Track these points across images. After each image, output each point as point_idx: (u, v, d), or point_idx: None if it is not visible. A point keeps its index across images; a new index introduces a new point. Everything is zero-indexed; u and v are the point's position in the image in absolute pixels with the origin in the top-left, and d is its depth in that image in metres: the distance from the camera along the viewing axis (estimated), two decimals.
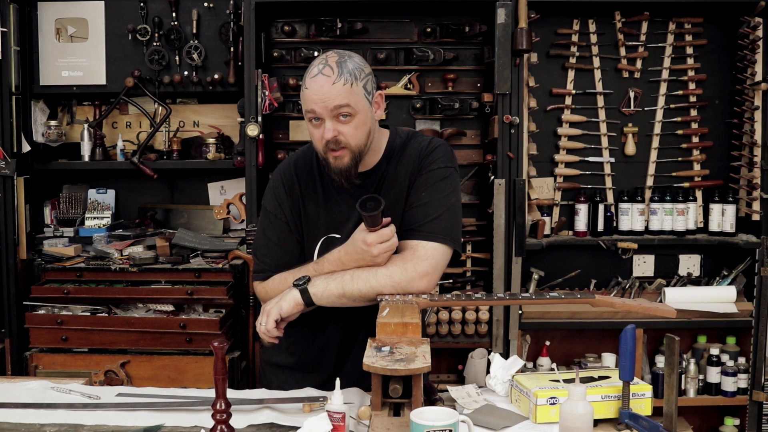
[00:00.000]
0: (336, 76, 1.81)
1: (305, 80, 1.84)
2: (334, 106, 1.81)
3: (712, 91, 3.48)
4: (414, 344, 1.61)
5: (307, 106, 1.84)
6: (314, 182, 1.98)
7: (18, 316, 3.15)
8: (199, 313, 3.11)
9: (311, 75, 1.83)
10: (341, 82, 1.81)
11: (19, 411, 1.77)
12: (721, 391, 3.32)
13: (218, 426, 1.53)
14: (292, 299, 1.83)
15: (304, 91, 1.84)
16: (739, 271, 3.37)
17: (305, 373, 2.03)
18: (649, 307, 1.86)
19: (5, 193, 3.18)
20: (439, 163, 1.93)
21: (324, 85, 1.80)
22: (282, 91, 3.32)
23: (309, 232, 1.97)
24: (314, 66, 1.84)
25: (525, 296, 2.00)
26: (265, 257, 1.99)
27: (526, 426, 1.67)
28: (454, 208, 1.91)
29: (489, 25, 3.32)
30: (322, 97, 1.81)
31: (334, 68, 1.81)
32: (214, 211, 3.49)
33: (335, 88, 1.80)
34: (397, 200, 1.92)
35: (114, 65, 3.38)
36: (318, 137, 1.85)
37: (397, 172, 1.94)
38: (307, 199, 1.98)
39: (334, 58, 1.84)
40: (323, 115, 1.82)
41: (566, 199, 3.48)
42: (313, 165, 2.00)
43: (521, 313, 3.23)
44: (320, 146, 1.86)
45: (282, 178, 2.01)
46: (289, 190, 1.99)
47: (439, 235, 1.86)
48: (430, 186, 1.90)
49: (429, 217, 1.87)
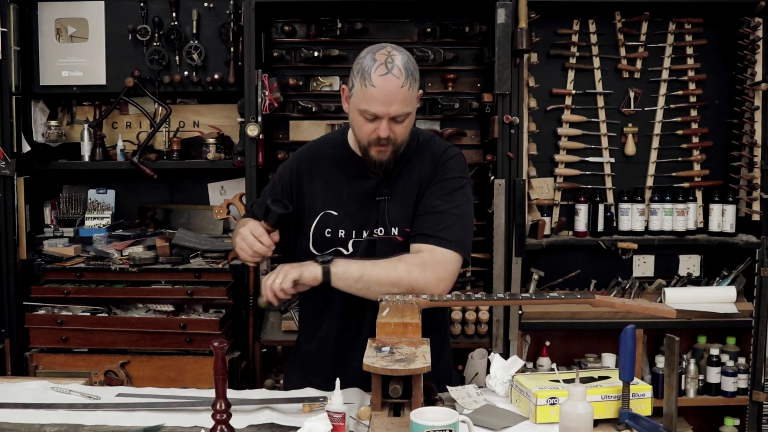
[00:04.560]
0: (404, 78, 1.81)
1: (370, 75, 1.80)
2: (399, 111, 1.83)
3: (712, 91, 3.48)
4: (414, 344, 1.61)
5: (369, 106, 1.83)
6: (326, 162, 2.04)
7: (18, 316, 3.15)
8: (199, 314, 3.11)
9: (379, 73, 1.80)
10: (407, 86, 1.82)
11: (19, 411, 1.77)
12: (721, 391, 3.32)
13: (218, 426, 1.53)
14: (312, 272, 1.85)
15: (366, 88, 1.81)
16: (739, 272, 3.37)
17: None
18: (649, 307, 1.86)
19: (5, 193, 3.18)
20: (454, 173, 1.97)
21: (394, 88, 1.80)
22: (282, 91, 3.32)
23: (308, 208, 2.02)
24: (378, 62, 1.81)
25: (525, 296, 2.00)
26: (252, 207, 2.17)
27: (526, 426, 1.67)
28: (467, 218, 1.96)
29: (489, 25, 3.32)
30: (389, 100, 1.81)
31: (401, 69, 1.81)
32: (214, 212, 3.49)
33: (402, 92, 1.81)
34: (407, 200, 1.96)
35: (114, 65, 3.38)
36: (368, 131, 1.87)
37: (411, 172, 1.98)
38: (314, 176, 2.03)
39: (398, 58, 1.82)
40: (384, 115, 1.83)
41: (566, 199, 3.48)
42: (330, 148, 2.07)
43: (521, 313, 3.23)
44: (366, 138, 1.89)
45: (293, 159, 2.11)
46: (296, 167, 2.07)
47: (454, 243, 1.89)
48: (446, 194, 1.94)
49: (443, 225, 1.89)
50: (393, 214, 1.97)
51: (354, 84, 1.87)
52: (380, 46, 1.87)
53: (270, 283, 1.85)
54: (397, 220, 1.96)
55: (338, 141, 2.07)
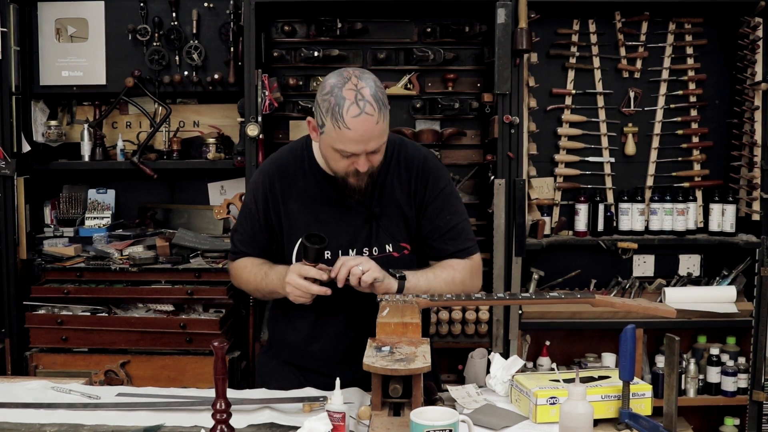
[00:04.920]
0: (377, 113, 1.77)
1: (343, 117, 1.75)
2: (376, 146, 1.82)
3: (712, 91, 3.48)
4: (414, 344, 1.61)
5: (345, 147, 1.79)
6: (297, 182, 2.00)
7: (18, 316, 3.15)
8: (199, 313, 3.11)
9: (352, 114, 1.74)
10: (381, 119, 1.78)
11: (19, 411, 1.77)
12: (721, 391, 3.32)
13: (218, 426, 1.53)
14: (387, 285, 1.87)
15: (341, 130, 1.76)
16: (739, 271, 3.37)
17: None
18: (649, 307, 1.86)
19: (5, 193, 3.18)
20: (442, 181, 2.03)
21: (370, 127, 1.76)
22: (282, 91, 3.31)
23: (289, 230, 2.00)
24: (349, 102, 1.75)
25: (525, 296, 2.01)
26: (238, 244, 2.12)
27: (526, 426, 1.67)
28: (466, 214, 2.10)
29: (489, 25, 3.32)
30: (365, 139, 1.78)
31: (373, 104, 1.76)
32: (214, 211, 3.49)
33: (378, 128, 1.79)
34: (394, 215, 1.99)
35: (114, 65, 3.37)
36: (344, 165, 1.85)
37: (392, 186, 1.98)
38: (288, 198, 2.00)
39: (366, 90, 1.76)
40: (361, 153, 1.81)
41: (566, 199, 3.48)
42: (297, 165, 2.01)
43: (521, 313, 3.23)
44: (343, 171, 1.87)
45: (264, 177, 2.04)
46: (270, 189, 2.01)
47: (474, 244, 2.08)
48: (448, 206, 2.03)
49: (462, 236, 2.04)
50: (385, 232, 1.98)
51: (324, 123, 1.80)
52: (343, 77, 1.78)
53: (351, 265, 1.83)
54: (390, 237, 1.99)
55: (303, 158, 2.01)
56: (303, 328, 2.06)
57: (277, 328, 2.16)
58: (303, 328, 2.06)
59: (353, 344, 1.92)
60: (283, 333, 2.12)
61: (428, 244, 2.04)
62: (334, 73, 1.83)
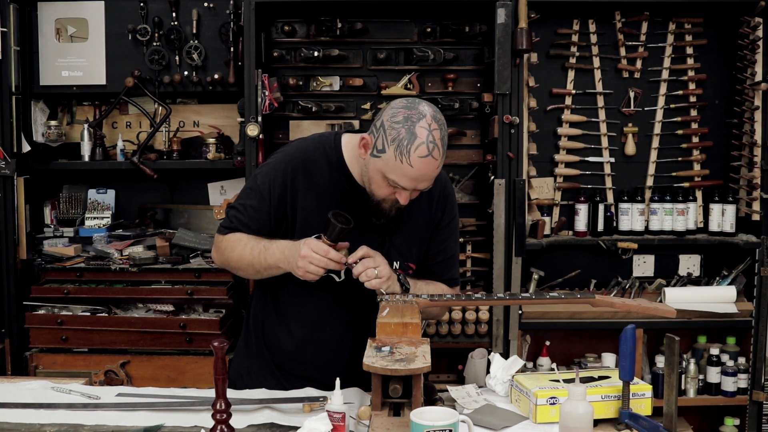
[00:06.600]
0: (440, 159, 1.79)
1: (409, 153, 1.73)
2: (426, 186, 1.83)
3: (712, 91, 3.48)
4: (414, 344, 1.61)
5: (399, 180, 1.78)
6: (320, 178, 1.95)
7: (18, 316, 3.15)
8: (199, 313, 3.11)
9: (420, 153, 1.74)
10: (441, 163, 1.81)
11: (19, 411, 1.77)
12: (721, 391, 3.32)
13: (218, 426, 1.53)
14: (393, 289, 1.88)
15: (402, 165, 1.75)
16: (739, 271, 3.37)
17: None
18: (649, 307, 1.86)
19: (5, 193, 3.18)
20: (455, 208, 2.09)
21: (430, 170, 1.78)
22: (282, 91, 3.32)
23: (302, 226, 1.95)
24: (419, 140, 1.73)
25: (525, 296, 2.01)
26: (234, 219, 1.98)
27: (526, 426, 1.67)
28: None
29: (489, 25, 3.32)
30: (422, 179, 1.79)
31: (440, 149, 1.77)
32: (214, 211, 3.49)
33: (436, 172, 1.81)
34: (410, 236, 2.01)
35: (114, 65, 3.38)
36: (386, 192, 1.84)
37: (412, 207, 1.93)
38: (308, 192, 1.95)
39: (437, 132, 1.76)
40: (411, 189, 1.82)
41: (566, 199, 3.48)
42: (323, 162, 1.96)
43: (521, 313, 3.23)
44: (382, 196, 1.85)
45: (286, 166, 1.96)
46: (291, 179, 1.95)
47: (459, 281, 2.19)
48: (455, 234, 2.10)
49: (457, 265, 2.15)
50: (396, 250, 1.99)
51: (385, 149, 1.77)
52: (419, 111, 1.77)
53: (370, 266, 1.82)
54: (399, 255, 2.00)
55: (330, 157, 1.96)
56: (297, 332, 2.02)
57: (267, 328, 2.08)
58: (297, 331, 2.02)
59: (351, 355, 1.94)
60: (275, 334, 2.06)
61: (426, 265, 2.07)
62: (407, 101, 1.81)
